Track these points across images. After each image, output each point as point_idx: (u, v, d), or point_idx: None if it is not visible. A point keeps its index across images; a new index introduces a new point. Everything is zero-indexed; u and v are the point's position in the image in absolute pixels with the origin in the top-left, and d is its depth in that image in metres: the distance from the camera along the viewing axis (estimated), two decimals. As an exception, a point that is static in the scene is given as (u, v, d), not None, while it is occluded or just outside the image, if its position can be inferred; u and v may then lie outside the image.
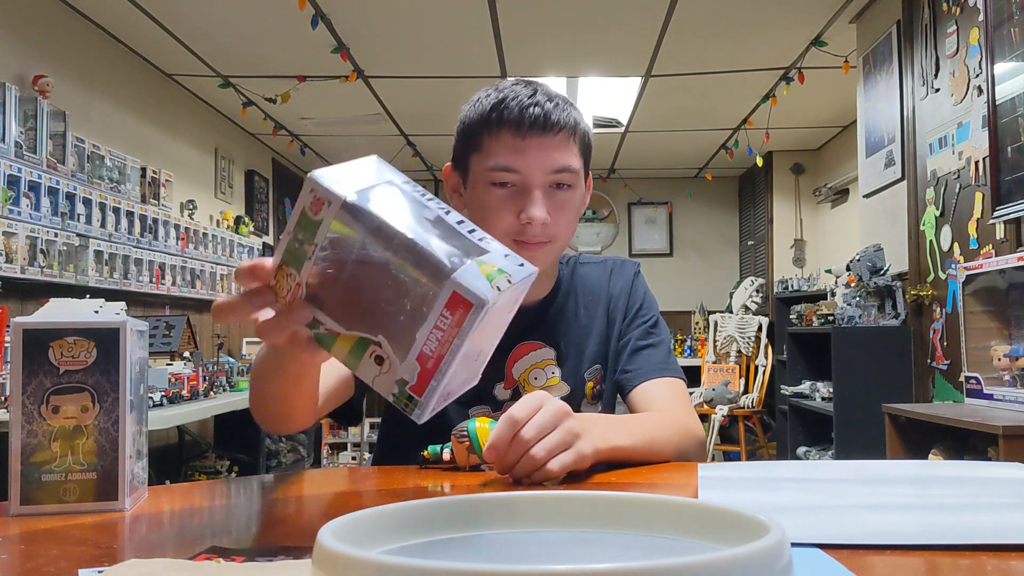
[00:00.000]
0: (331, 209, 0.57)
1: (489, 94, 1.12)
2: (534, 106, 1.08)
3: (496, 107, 1.09)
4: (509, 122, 1.08)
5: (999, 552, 0.56)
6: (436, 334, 0.56)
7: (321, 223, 0.57)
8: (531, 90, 1.11)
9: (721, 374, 5.72)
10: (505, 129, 1.08)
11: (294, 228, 0.59)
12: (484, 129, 1.10)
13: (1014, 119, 2.57)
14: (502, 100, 1.09)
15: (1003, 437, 2.06)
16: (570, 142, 1.11)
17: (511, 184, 1.09)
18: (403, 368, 0.57)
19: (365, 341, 0.58)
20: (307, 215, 0.58)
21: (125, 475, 0.75)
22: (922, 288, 3.23)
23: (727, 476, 0.85)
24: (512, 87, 1.11)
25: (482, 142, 1.11)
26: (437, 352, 0.56)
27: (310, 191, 0.58)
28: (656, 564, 0.34)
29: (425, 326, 0.56)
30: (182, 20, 3.92)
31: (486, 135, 1.10)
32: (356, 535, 0.45)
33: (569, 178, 1.10)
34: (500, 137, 1.09)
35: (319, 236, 0.58)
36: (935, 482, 0.82)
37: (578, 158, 1.12)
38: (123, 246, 3.90)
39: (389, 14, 3.86)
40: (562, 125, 1.09)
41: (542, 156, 1.08)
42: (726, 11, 3.82)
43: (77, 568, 0.55)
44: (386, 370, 0.58)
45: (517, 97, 1.09)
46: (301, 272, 0.60)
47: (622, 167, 7.09)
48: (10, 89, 3.18)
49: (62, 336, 0.74)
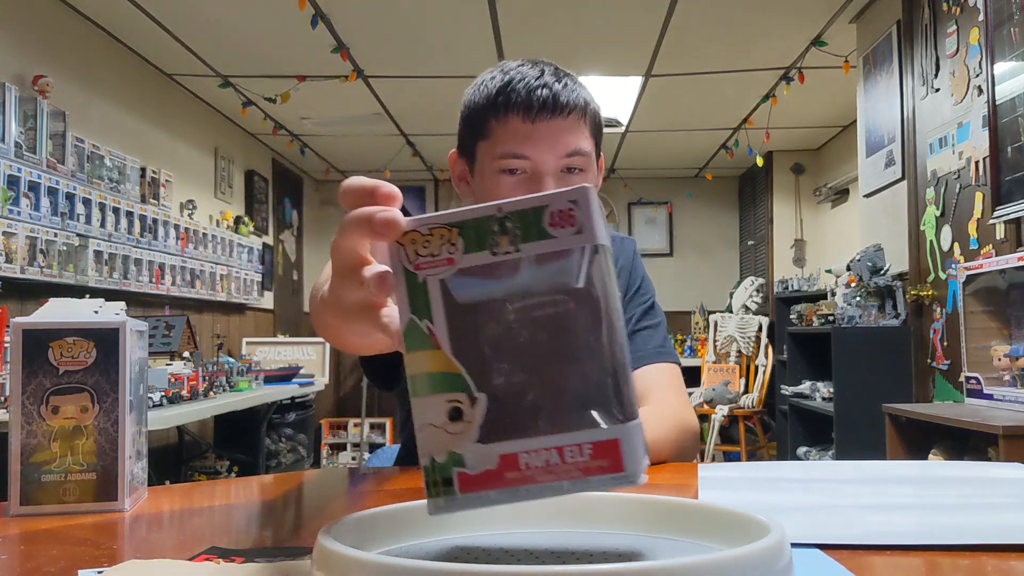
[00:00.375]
0: (575, 238, 0.42)
1: (494, 76, 1.07)
2: (542, 88, 1.03)
3: (502, 90, 1.04)
4: (516, 106, 1.03)
5: (999, 552, 0.56)
6: (550, 458, 0.41)
7: (553, 238, 0.42)
8: (538, 70, 1.05)
9: (721, 374, 5.72)
10: (513, 114, 1.03)
11: (508, 210, 0.42)
12: (490, 114, 1.05)
13: (1014, 119, 2.57)
14: (508, 83, 1.04)
15: (1003, 437, 2.06)
16: (581, 124, 1.06)
17: (521, 171, 1.04)
18: (474, 448, 0.41)
19: (460, 382, 0.42)
20: (539, 217, 0.42)
21: (125, 475, 0.75)
22: (922, 288, 3.23)
23: (727, 476, 0.85)
24: (518, 68, 1.06)
25: (489, 128, 1.06)
26: (532, 474, 0.41)
27: (570, 200, 0.42)
28: (657, 564, 0.34)
29: (544, 438, 0.41)
30: (182, 20, 3.92)
31: (493, 121, 1.05)
32: (356, 536, 0.45)
33: (581, 161, 1.06)
34: (508, 122, 1.04)
35: (533, 248, 0.42)
36: (935, 482, 0.82)
37: (589, 139, 1.07)
38: (123, 246, 3.90)
39: (389, 14, 3.86)
40: (572, 106, 1.04)
41: (553, 141, 1.03)
42: (726, 11, 3.82)
43: (77, 568, 0.55)
44: (453, 431, 0.42)
45: (524, 79, 1.04)
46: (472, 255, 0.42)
47: (622, 167, 7.09)
48: (10, 89, 3.18)
49: (62, 336, 0.74)
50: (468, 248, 0.42)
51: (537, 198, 0.42)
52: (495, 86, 1.05)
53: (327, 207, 7.62)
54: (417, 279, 0.43)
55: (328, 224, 7.59)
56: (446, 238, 0.43)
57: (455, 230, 0.43)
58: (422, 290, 0.43)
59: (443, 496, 0.42)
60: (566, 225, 0.42)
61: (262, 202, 6.26)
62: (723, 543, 0.45)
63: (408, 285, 0.43)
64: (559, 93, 1.03)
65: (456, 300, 0.42)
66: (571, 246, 0.42)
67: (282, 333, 6.35)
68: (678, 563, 0.34)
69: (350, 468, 1.49)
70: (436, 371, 0.42)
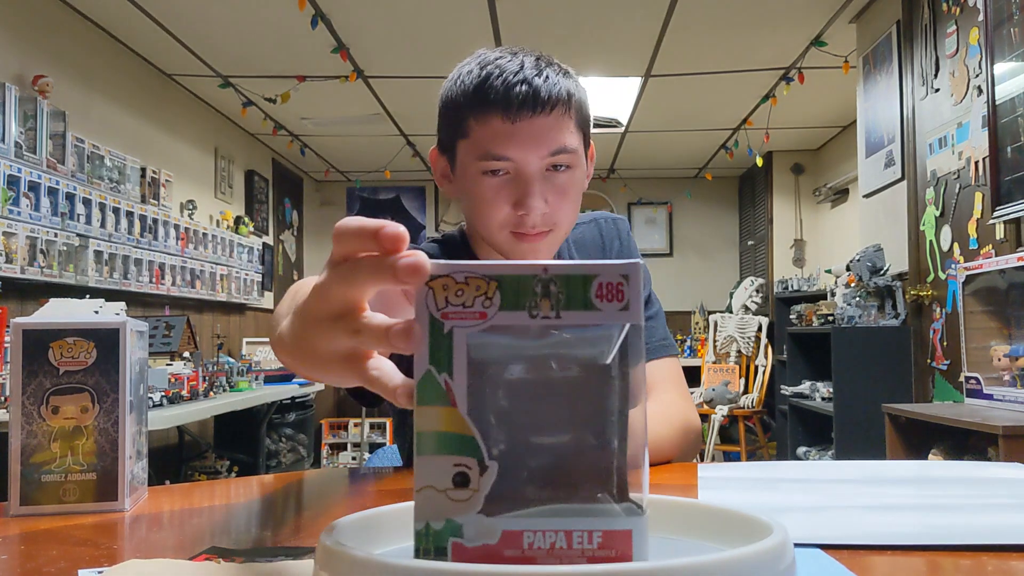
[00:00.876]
0: (619, 314, 0.39)
1: (471, 70, 0.99)
2: (521, 83, 0.95)
3: (480, 87, 0.97)
4: (495, 104, 0.95)
5: (999, 552, 0.56)
6: (556, 540, 0.38)
7: (597, 311, 0.39)
8: (518, 62, 0.97)
9: (721, 374, 5.72)
10: (492, 112, 0.96)
11: (554, 273, 0.39)
12: (468, 112, 0.98)
13: (1014, 119, 2.57)
14: (486, 78, 0.96)
15: (1003, 437, 2.06)
16: (565, 118, 0.98)
17: (504, 172, 0.98)
18: (476, 519, 0.38)
19: (472, 446, 0.39)
20: (587, 286, 0.39)
21: (125, 475, 0.75)
22: (922, 288, 3.23)
23: (727, 476, 0.85)
24: (496, 61, 0.98)
25: (468, 127, 0.99)
26: (533, 556, 0.38)
27: (622, 275, 0.39)
28: (659, 565, 0.34)
29: (554, 520, 0.38)
30: (182, 20, 3.92)
31: (471, 120, 0.98)
32: (359, 535, 0.45)
33: (568, 159, 0.99)
34: (487, 122, 0.97)
35: (575, 317, 0.39)
36: (935, 482, 0.82)
37: (576, 134, 1.00)
38: (123, 246, 3.90)
39: (389, 14, 3.86)
40: (555, 100, 0.96)
41: (536, 140, 0.96)
42: (726, 11, 3.82)
43: (77, 568, 0.55)
44: (455, 498, 0.38)
45: (503, 74, 0.96)
46: (508, 314, 0.39)
47: (622, 167, 7.09)
48: (10, 89, 3.18)
49: (62, 336, 0.74)
50: (505, 305, 0.39)
51: (587, 266, 0.39)
52: (472, 82, 0.98)
53: (327, 207, 7.62)
54: (443, 329, 0.39)
55: (328, 224, 7.59)
56: (482, 290, 0.39)
57: (494, 283, 0.39)
58: (446, 341, 0.39)
59: None
60: (613, 299, 0.39)
61: (262, 202, 6.26)
62: (725, 543, 0.45)
63: (432, 334, 0.39)
64: (540, 88, 0.95)
65: (480, 358, 0.39)
66: (613, 322, 0.39)
67: (282, 333, 6.34)
68: (681, 563, 0.34)
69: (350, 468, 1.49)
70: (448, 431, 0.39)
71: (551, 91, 0.96)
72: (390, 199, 7.65)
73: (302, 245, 7.32)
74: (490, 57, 0.99)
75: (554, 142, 0.97)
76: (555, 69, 0.99)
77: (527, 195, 0.97)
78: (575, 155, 1.00)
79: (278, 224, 6.63)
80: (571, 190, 1.01)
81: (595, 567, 0.34)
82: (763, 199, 6.72)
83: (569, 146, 0.99)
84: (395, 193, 7.62)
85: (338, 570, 0.38)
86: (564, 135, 0.98)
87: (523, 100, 0.95)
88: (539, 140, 0.97)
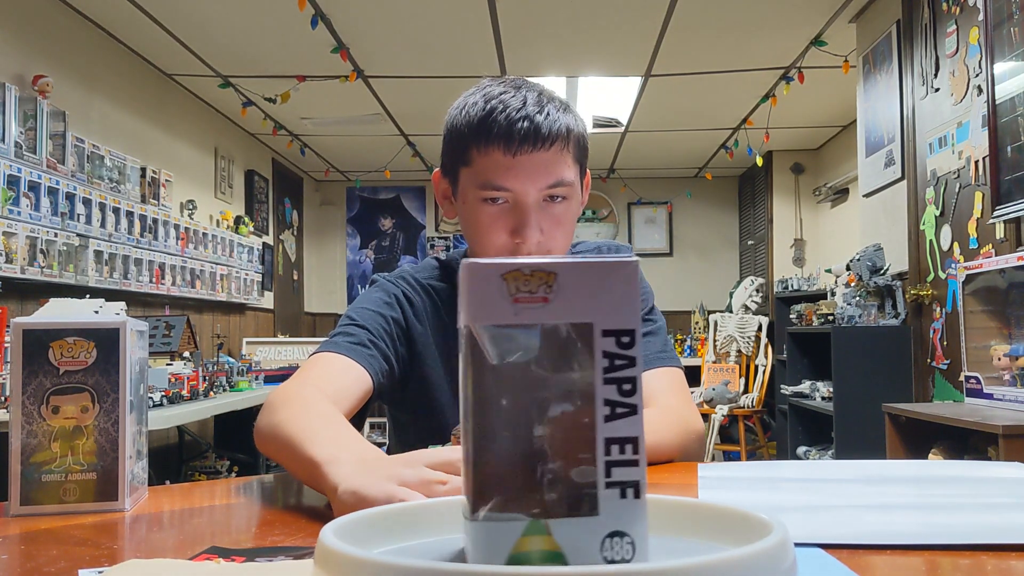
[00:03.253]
0: None
1: (476, 102, 1.05)
2: (523, 120, 1.01)
3: (484, 121, 1.02)
4: (498, 138, 1.01)
5: (999, 552, 0.56)
6: None
7: None
8: (520, 98, 1.03)
9: (721, 374, 5.72)
10: (494, 145, 1.02)
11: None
12: (472, 143, 1.04)
13: (1014, 119, 2.57)
14: (490, 112, 1.02)
15: (1003, 437, 2.06)
16: (564, 152, 1.04)
17: (503, 200, 1.04)
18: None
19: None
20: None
21: (125, 475, 0.75)
22: (922, 288, 3.23)
23: (727, 476, 0.85)
24: (500, 96, 1.03)
25: (470, 156, 1.05)
26: None
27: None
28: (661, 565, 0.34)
29: None
30: (182, 20, 3.92)
31: (474, 150, 1.04)
32: (358, 535, 0.45)
33: (564, 191, 1.05)
34: (489, 153, 1.02)
35: None
36: (935, 482, 0.82)
37: (573, 167, 1.06)
38: (123, 246, 3.90)
39: (389, 14, 3.86)
40: (555, 136, 1.02)
41: (534, 173, 1.02)
42: (726, 11, 3.82)
43: (77, 568, 0.55)
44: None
45: (506, 109, 1.01)
46: None
47: (622, 167, 7.09)
48: (10, 89, 3.18)
49: (62, 336, 0.74)
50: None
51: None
52: (476, 114, 1.03)
53: (327, 207, 7.62)
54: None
55: (328, 224, 7.60)
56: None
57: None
58: None
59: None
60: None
61: (262, 202, 6.26)
62: (726, 543, 0.45)
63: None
64: (540, 125, 1.01)
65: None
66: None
67: (282, 333, 6.35)
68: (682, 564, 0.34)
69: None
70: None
71: (551, 127, 1.02)
72: (390, 199, 7.65)
73: (302, 245, 7.32)
74: (494, 91, 1.05)
75: (552, 175, 1.03)
76: (556, 105, 1.05)
77: (524, 224, 1.03)
78: (571, 187, 1.06)
79: (278, 224, 6.63)
80: (566, 220, 1.07)
81: (595, 568, 0.34)
82: (763, 199, 6.72)
83: (566, 179, 1.04)
84: (395, 193, 7.62)
85: (338, 570, 0.38)
86: (562, 169, 1.04)
87: (524, 135, 1.01)
88: (538, 173, 1.02)
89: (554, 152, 1.03)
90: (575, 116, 1.08)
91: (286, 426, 0.87)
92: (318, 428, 0.86)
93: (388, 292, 1.18)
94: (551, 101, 1.05)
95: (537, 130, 1.01)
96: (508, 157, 1.01)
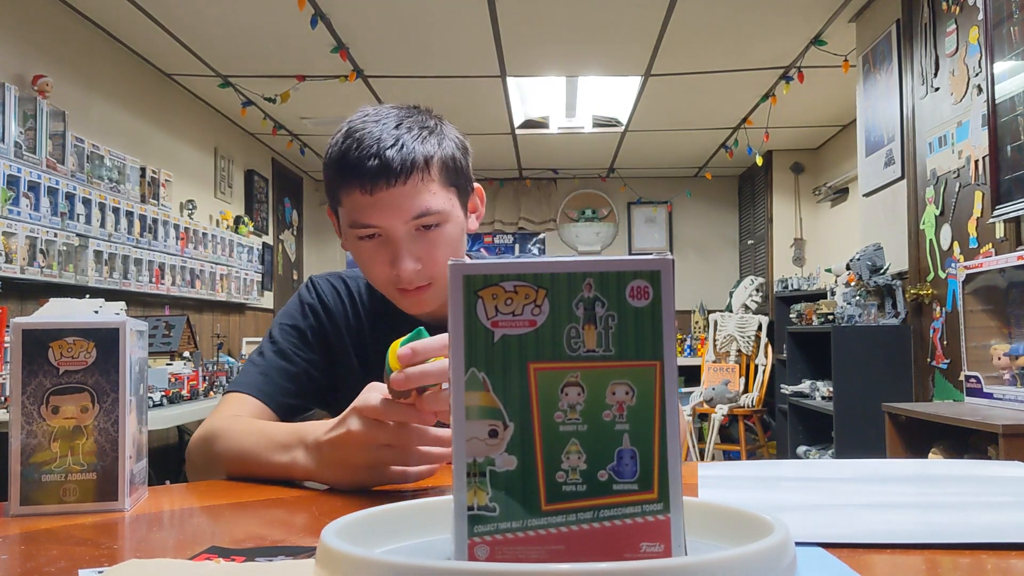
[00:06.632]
0: None
1: (338, 140, 1.03)
2: (372, 158, 0.98)
3: (340, 161, 1.01)
4: (353, 178, 1.00)
5: (999, 551, 0.56)
6: None
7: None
8: (378, 131, 1.00)
9: (721, 373, 5.72)
10: (351, 186, 1.00)
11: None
12: (336, 183, 1.03)
13: (1014, 118, 2.57)
14: (345, 152, 1.00)
15: (1003, 436, 2.06)
16: (424, 182, 1.01)
17: (377, 234, 1.03)
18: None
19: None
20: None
21: (125, 475, 0.75)
22: (922, 287, 3.23)
23: (727, 475, 0.85)
24: (358, 132, 1.01)
25: (339, 196, 1.04)
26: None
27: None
28: (662, 563, 0.34)
29: None
30: (182, 20, 3.91)
31: (339, 190, 1.03)
32: (359, 535, 0.45)
33: (434, 219, 1.02)
34: (350, 194, 1.01)
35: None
36: (935, 481, 0.82)
37: (441, 193, 1.03)
38: (123, 246, 3.90)
39: (389, 14, 3.86)
40: (409, 169, 0.99)
41: (395, 208, 1.00)
42: (726, 11, 3.82)
43: (77, 568, 0.55)
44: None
45: (360, 146, 0.99)
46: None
47: (621, 166, 7.09)
48: (10, 89, 3.18)
49: (62, 336, 0.74)
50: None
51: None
52: (334, 154, 1.02)
53: (327, 207, 7.62)
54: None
55: (328, 224, 7.58)
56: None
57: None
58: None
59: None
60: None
61: (262, 202, 6.25)
62: (727, 542, 0.45)
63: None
64: (392, 160, 0.98)
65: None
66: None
67: (282, 333, 6.33)
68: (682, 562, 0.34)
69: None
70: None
71: (405, 160, 0.99)
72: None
73: (302, 245, 7.32)
74: (356, 125, 1.02)
75: (414, 207, 1.01)
76: (414, 134, 1.01)
77: (397, 258, 1.02)
78: (441, 214, 1.03)
79: (278, 224, 6.63)
80: (443, 243, 1.05)
81: (598, 566, 0.34)
82: (763, 198, 6.72)
83: (432, 208, 1.02)
84: (395, 193, 7.62)
85: (338, 570, 0.38)
86: (424, 198, 1.01)
87: (376, 173, 0.98)
88: (398, 208, 1.00)
89: (412, 184, 1.00)
90: (441, 138, 1.05)
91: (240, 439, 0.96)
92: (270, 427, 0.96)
93: (303, 301, 1.20)
94: (409, 130, 1.02)
95: (388, 166, 0.98)
96: (366, 196, 1.00)
